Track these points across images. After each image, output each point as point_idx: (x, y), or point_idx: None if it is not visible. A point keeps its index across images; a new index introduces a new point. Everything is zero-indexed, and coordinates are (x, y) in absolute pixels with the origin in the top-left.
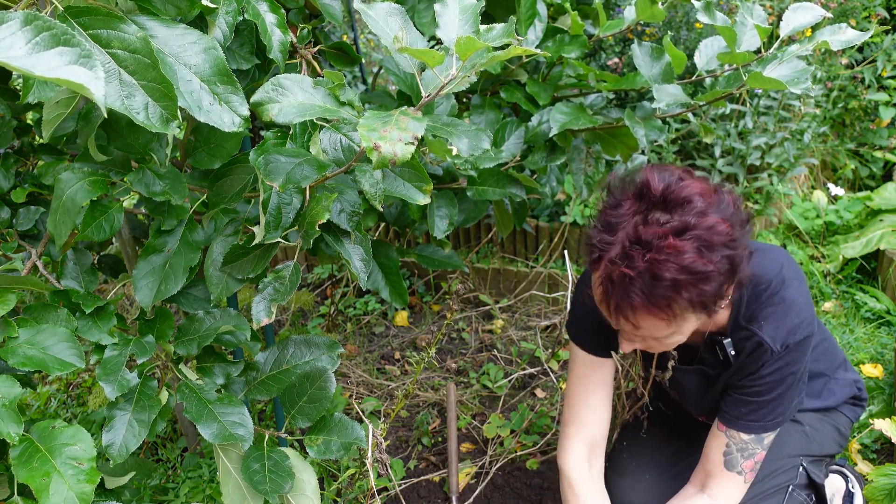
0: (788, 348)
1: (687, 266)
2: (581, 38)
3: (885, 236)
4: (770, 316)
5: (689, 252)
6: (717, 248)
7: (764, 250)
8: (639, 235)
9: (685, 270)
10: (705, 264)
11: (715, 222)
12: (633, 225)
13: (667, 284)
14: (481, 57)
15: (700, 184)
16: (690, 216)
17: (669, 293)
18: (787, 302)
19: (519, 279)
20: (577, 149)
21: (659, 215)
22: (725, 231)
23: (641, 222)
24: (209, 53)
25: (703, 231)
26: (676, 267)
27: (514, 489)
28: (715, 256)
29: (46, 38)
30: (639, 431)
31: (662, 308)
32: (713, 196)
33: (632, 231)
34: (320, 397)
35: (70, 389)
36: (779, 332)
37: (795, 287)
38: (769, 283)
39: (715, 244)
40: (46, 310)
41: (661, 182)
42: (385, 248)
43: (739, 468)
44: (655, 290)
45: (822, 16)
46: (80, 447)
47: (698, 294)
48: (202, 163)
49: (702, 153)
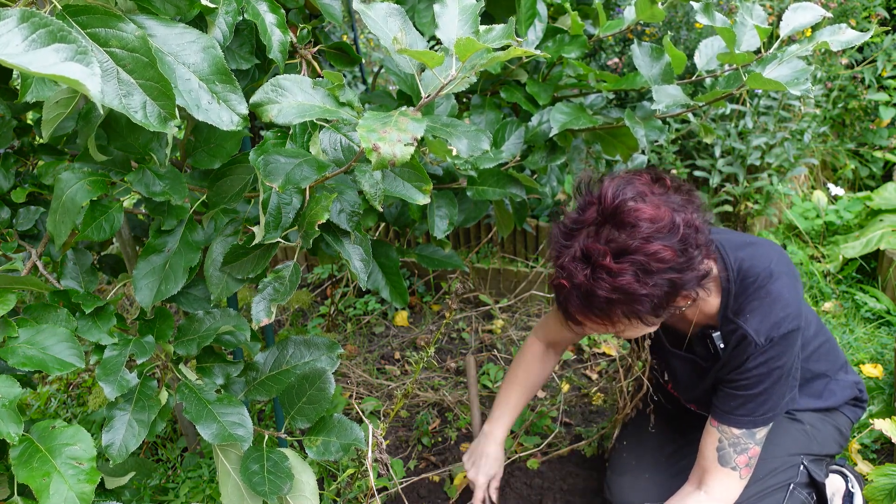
0: (773, 341)
1: (621, 287)
2: (581, 38)
3: (885, 236)
4: (756, 309)
5: (626, 275)
6: (657, 273)
7: (755, 244)
8: (586, 250)
9: (619, 291)
10: (640, 287)
11: (657, 249)
12: (585, 235)
13: (601, 301)
14: (481, 58)
15: (653, 209)
16: (634, 240)
17: (604, 306)
18: (774, 296)
19: (519, 279)
20: (578, 149)
21: (608, 231)
22: (668, 258)
23: (593, 235)
24: (208, 52)
25: (642, 257)
26: (610, 287)
27: (515, 489)
28: (652, 280)
29: (43, 34)
30: (640, 429)
31: (600, 316)
32: (664, 222)
33: (583, 243)
34: (319, 398)
35: (70, 389)
36: (763, 325)
37: (783, 281)
38: (757, 277)
39: (654, 270)
40: (46, 310)
41: (616, 198)
42: (385, 247)
43: (733, 463)
44: (591, 304)
45: (822, 16)
46: (80, 447)
47: (632, 311)
48: (202, 163)
49: (702, 153)
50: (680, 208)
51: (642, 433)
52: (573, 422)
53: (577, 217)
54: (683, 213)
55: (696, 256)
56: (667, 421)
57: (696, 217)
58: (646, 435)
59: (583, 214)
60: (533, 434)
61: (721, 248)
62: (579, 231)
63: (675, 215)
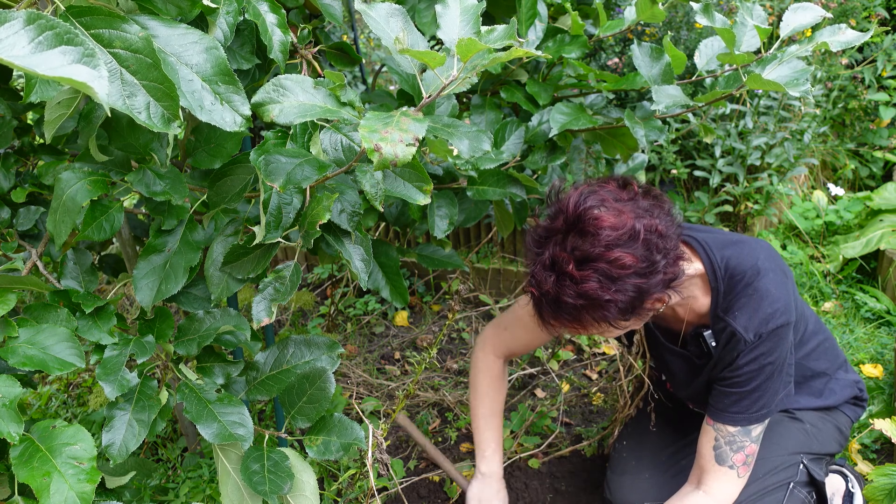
0: (762, 338)
1: (585, 293)
2: (581, 38)
3: (885, 236)
4: (744, 307)
5: (589, 281)
6: (620, 279)
7: (741, 242)
8: (553, 258)
9: (584, 297)
10: (604, 293)
11: (619, 255)
12: (553, 244)
13: (569, 307)
14: (482, 58)
15: (614, 217)
16: (596, 248)
17: (573, 312)
18: (761, 292)
19: (519, 279)
20: (578, 149)
21: (573, 240)
22: (630, 264)
23: (560, 243)
24: (210, 53)
25: (604, 264)
26: (575, 294)
27: (515, 489)
28: (615, 286)
29: (49, 37)
30: (640, 429)
31: (570, 321)
32: (625, 229)
33: (551, 251)
34: (320, 397)
35: (70, 389)
36: (751, 321)
37: (770, 277)
38: (744, 275)
39: (617, 276)
40: (46, 310)
41: (578, 206)
42: (385, 247)
43: (730, 462)
44: (560, 310)
45: (822, 16)
46: (80, 447)
47: (601, 316)
48: (202, 163)
49: (702, 153)
50: (644, 214)
51: (642, 433)
52: (573, 422)
53: (548, 225)
54: (646, 219)
55: (659, 261)
56: (667, 421)
57: (659, 222)
58: (646, 435)
59: (552, 223)
60: (533, 434)
61: (707, 248)
62: (549, 239)
63: (637, 222)
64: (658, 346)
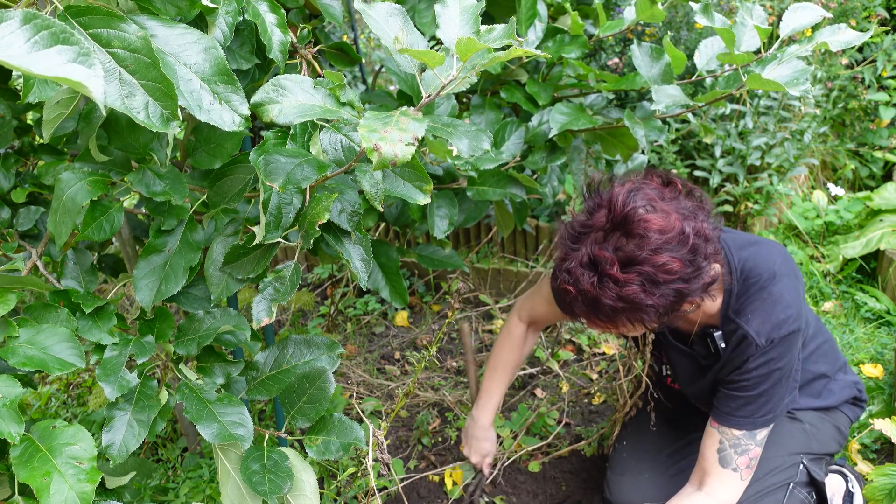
0: (773, 343)
1: (627, 297)
2: (581, 38)
3: (885, 236)
4: (757, 310)
5: (632, 285)
6: (664, 284)
7: (759, 244)
8: (593, 256)
9: (624, 300)
10: (647, 298)
11: (666, 260)
12: (593, 241)
13: (607, 309)
14: (482, 58)
15: (663, 220)
16: (643, 251)
17: (609, 313)
18: (775, 297)
19: (519, 279)
20: (578, 149)
21: (617, 239)
22: (677, 269)
23: (601, 241)
24: (209, 53)
25: (650, 268)
26: (616, 296)
27: (515, 489)
28: (659, 291)
29: (45, 36)
30: (640, 429)
31: (604, 321)
32: (674, 233)
33: (590, 248)
34: (320, 397)
35: (70, 389)
36: (764, 326)
37: (785, 283)
38: (759, 278)
39: (661, 281)
40: (47, 310)
41: (626, 205)
42: (385, 247)
43: (734, 465)
44: (596, 310)
45: (822, 16)
46: (80, 447)
47: (637, 318)
48: (202, 163)
49: (702, 153)
50: (690, 216)
51: (642, 433)
52: (573, 422)
53: (586, 220)
54: (693, 222)
55: (703, 266)
56: (667, 421)
57: (706, 226)
58: (646, 435)
59: (591, 218)
60: (533, 434)
61: (727, 248)
62: (587, 235)
63: (686, 225)
64: (665, 345)
